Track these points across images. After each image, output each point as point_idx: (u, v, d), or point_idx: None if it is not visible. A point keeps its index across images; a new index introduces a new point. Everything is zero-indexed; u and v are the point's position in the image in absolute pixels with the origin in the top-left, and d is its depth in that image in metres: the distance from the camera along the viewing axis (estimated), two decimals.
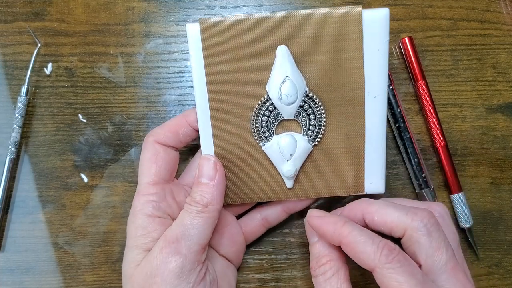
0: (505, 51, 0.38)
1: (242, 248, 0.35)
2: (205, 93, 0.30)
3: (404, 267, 0.25)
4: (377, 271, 0.25)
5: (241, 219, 0.35)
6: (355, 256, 0.26)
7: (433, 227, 0.27)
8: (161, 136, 0.31)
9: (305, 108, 0.31)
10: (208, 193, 0.29)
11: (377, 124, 0.31)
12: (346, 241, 0.27)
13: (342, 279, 0.27)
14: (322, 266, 0.28)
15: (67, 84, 0.37)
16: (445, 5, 0.38)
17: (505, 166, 0.37)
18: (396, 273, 0.25)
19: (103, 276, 0.36)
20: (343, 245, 0.27)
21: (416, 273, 0.25)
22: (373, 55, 0.30)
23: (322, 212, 0.30)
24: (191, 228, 0.29)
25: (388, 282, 0.25)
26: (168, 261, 0.28)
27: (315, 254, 0.29)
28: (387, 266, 0.25)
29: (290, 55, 0.29)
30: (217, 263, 0.33)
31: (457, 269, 0.27)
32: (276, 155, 0.31)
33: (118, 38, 0.37)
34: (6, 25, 0.37)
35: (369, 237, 0.26)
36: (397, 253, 0.25)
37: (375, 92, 0.30)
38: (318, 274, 0.28)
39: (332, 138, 0.31)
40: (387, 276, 0.25)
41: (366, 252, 0.26)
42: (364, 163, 0.32)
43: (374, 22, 0.29)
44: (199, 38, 0.29)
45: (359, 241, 0.26)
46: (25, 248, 0.36)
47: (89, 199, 0.36)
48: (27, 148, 0.36)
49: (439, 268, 0.26)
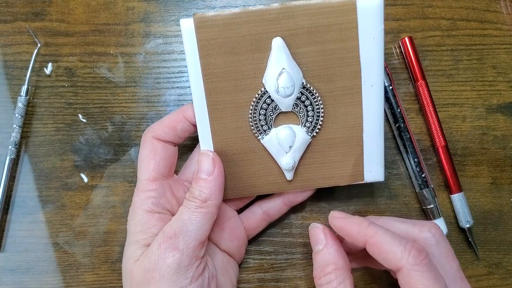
0: (505, 51, 0.38)
1: (243, 243, 0.35)
2: (202, 88, 0.30)
3: (430, 272, 0.25)
4: (404, 271, 0.25)
5: (242, 213, 0.35)
6: (381, 256, 0.26)
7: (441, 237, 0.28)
8: (159, 132, 0.31)
9: (302, 100, 0.30)
10: (206, 188, 0.29)
11: (375, 112, 0.31)
12: (373, 240, 0.27)
13: None
14: (328, 275, 0.28)
15: (67, 84, 0.37)
16: (445, 5, 0.37)
17: (505, 166, 0.37)
18: (423, 276, 0.25)
19: (103, 276, 0.36)
20: (368, 245, 0.27)
21: (440, 279, 0.25)
22: (369, 44, 0.30)
23: (344, 213, 0.30)
24: (189, 224, 0.29)
25: (413, 283, 0.25)
26: (166, 257, 0.28)
27: (319, 262, 0.29)
28: (415, 268, 0.25)
29: (285, 47, 0.29)
30: (218, 258, 0.33)
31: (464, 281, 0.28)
32: (275, 148, 0.31)
33: (118, 38, 0.37)
34: (6, 25, 0.37)
35: (396, 237, 0.26)
36: (425, 255, 0.26)
37: (371, 81, 0.30)
38: (323, 283, 0.28)
39: (331, 129, 0.31)
40: (413, 278, 0.25)
41: (393, 252, 0.26)
42: (363, 152, 0.32)
43: (369, 11, 0.29)
44: (193, 33, 0.29)
45: (386, 241, 0.26)
46: (25, 248, 0.36)
47: (89, 199, 0.36)
48: (27, 148, 0.36)
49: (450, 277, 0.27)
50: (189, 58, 0.30)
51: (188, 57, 0.30)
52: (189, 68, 0.30)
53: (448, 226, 0.36)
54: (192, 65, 0.30)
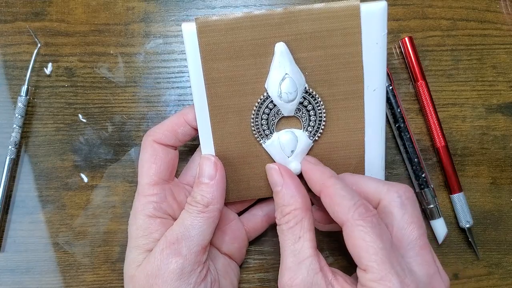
0: (505, 51, 0.38)
1: (244, 245, 0.35)
2: (203, 92, 0.30)
3: (375, 229, 0.25)
4: (347, 225, 0.25)
5: (243, 215, 0.35)
6: (330, 208, 0.26)
7: (408, 200, 0.27)
8: (159, 136, 0.31)
9: (305, 105, 0.30)
10: (208, 193, 0.29)
11: (377, 116, 0.31)
12: (327, 191, 0.27)
13: (305, 228, 0.27)
14: (286, 215, 0.28)
15: (67, 84, 0.37)
16: (445, 5, 0.37)
17: (505, 166, 0.37)
18: (365, 232, 0.25)
19: (103, 276, 0.36)
20: (322, 195, 0.27)
21: (385, 239, 0.25)
22: (372, 48, 0.30)
23: (317, 161, 0.30)
24: (192, 229, 0.28)
25: (355, 239, 0.25)
26: (169, 262, 0.28)
27: (279, 204, 0.29)
28: (358, 223, 0.25)
29: (288, 52, 0.29)
30: (219, 261, 0.33)
31: (426, 250, 0.26)
32: (277, 152, 0.31)
33: (118, 38, 0.37)
34: (6, 25, 0.37)
35: (349, 193, 0.26)
36: (373, 214, 0.25)
37: (374, 86, 0.30)
38: (282, 224, 0.28)
39: (332, 133, 0.31)
40: (355, 232, 0.25)
41: (342, 205, 0.26)
42: (364, 155, 0.32)
43: (372, 16, 0.29)
44: (195, 38, 0.29)
45: (339, 194, 0.26)
46: (25, 248, 0.36)
47: (89, 199, 0.36)
48: (27, 148, 0.36)
49: (408, 243, 0.26)
50: (190, 62, 0.30)
51: (190, 61, 0.30)
52: (191, 72, 0.30)
53: (448, 226, 0.36)
54: (193, 70, 0.30)
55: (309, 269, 0.26)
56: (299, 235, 0.27)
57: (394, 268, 0.24)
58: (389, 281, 0.24)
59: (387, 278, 0.24)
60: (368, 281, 0.24)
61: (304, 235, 0.27)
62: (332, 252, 0.37)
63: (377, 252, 0.24)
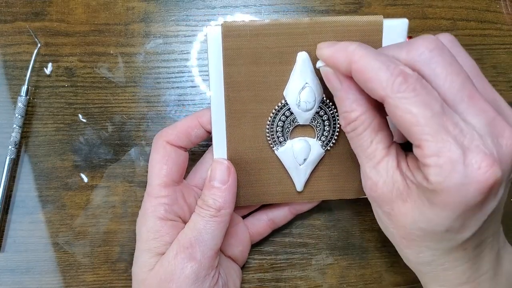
0: (505, 51, 0.38)
1: (247, 248, 0.35)
2: (222, 96, 0.30)
3: (419, 97, 0.21)
4: (389, 101, 0.22)
5: (247, 219, 0.35)
6: (365, 85, 0.23)
7: (433, 52, 0.23)
8: (172, 137, 0.30)
9: (320, 114, 0.31)
10: (221, 197, 0.29)
11: None
12: (356, 66, 0.23)
13: (375, 130, 0.25)
14: (351, 123, 0.25)
15: (67, 84, 0.37)
16: (445, 5, 0.37)
17: None
18: (410, 103, 0.21)
19: (103, 276, 0.36)
20: (353, 72, 0.23)
21: (434, 104, 0.22)
22: None
23: (331, 42, 0.26)
24: (205, 233, 0.28)
25: (400, 114, 0.22)
26: (184, 267, 0.28)
27: (341, 111, 0.26)
28: (399, 96, 0.22)
29: (310, 62, 0.29)
30: (223, 264, 0.33)
31: (475, 97, 0.23)
32: (290, 160, 0.31)
33: (118, 38, 0.37)
34: (6, 25, 0.37)
35: (382, 62, 0.22)
36: (414, 80, 0.22)
37: None
38: (348, 131, 0.26)
39: (343, 144, 0.32)
40: (399, 106, 0.22)
41: (378, 79, 0.22)
42: None
43: (393, 32, 0.29)
44: (220, 42, 0.29)
45: (372, 66, 0.22)
46: (25, 248, 0.36)
47: (89, 199, 0.36)
48: (27, 148, 0.36)
49: (453, 99, 0.22)
50: (212, 65, 0.30)
51: (211, 65, 0.30)
52: (211, 75, 0.30)
53: None
54: (214, 73, 0.30)
55: (387, 170, 0.24)
56: (370, 139, 0.25)
57: (451, 134, 0.21)
58: (448, 150, 0.21)
59: (446, 147, 0.21)
60: (427, 158, 0.22)
61: (375, 138, 0.25)
62: (332, 252, 0.37)
63: (427, 122, 0.21)
